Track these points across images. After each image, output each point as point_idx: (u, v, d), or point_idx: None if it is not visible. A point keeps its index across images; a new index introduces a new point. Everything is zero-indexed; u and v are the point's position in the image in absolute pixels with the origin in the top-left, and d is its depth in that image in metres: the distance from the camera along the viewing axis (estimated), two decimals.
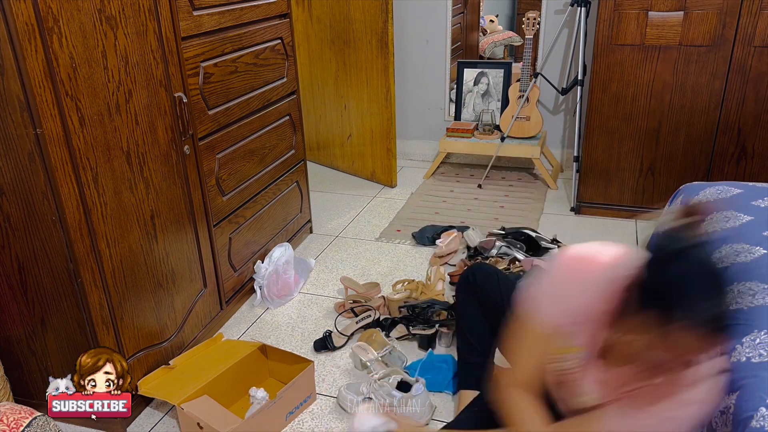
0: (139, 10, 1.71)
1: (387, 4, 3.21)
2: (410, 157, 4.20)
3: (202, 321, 2.22)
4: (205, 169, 2.13)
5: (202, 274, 2.19)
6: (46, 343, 1.78)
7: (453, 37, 3.85)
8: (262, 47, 2.40)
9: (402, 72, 3.93)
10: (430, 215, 3.29)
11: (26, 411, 1.37)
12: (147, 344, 1.92)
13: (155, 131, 1.84)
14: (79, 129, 1.56)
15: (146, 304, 1.90)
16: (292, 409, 1.87)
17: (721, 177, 2.91)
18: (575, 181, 3.27)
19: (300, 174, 2.89)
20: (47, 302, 1.71)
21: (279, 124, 2.62)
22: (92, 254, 1.66)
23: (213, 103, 2.14)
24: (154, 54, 1.80)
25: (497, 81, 3.81)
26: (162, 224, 1.93)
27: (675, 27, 2.75)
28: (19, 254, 1.66)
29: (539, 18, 3.54)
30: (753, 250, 1.73)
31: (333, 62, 3.65)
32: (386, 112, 3.49)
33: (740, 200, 2.05)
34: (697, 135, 2.90)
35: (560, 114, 3.78)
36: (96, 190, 1.64)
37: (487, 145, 3.63)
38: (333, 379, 2.05)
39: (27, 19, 1.39)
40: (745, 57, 2.70)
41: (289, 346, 2.24)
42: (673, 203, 2.36)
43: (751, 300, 1.53)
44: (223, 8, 2.13)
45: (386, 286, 2.58)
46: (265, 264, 2.48)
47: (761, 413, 1.20)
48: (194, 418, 1.72)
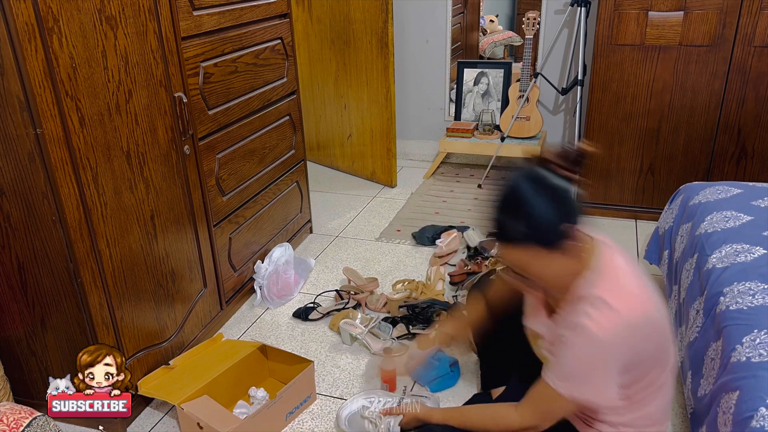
0: (139, 10, 1.71)
1: (387, 4, 3.21)
2: (410, 157, 4.20)
3: (202, 321, 2.22)
4: (205, 169, 2.13)
5: (202, 274, 2.19)
6: (46, 343, 1.78)
7: (453, 37, 3.85)
8: (262, 47, 2.40)
9: (402, 72, 3.93)
10: (430, 215, 3.29)
11: (26, 411, 1.37)
12: (147, 344, 1.92)
13: (155, 131, 1.84)
14: (79, 129, 1.56)
15: (146, 304, 1.90)
16: (292, 409, 1.87)
17: (721, 177, 2.91)
18: None
19: (300, 174, 2.89)
20: (47, 302, 1.71)
21: (279, 124, 2.62)
22: (92, 254, 1.66)
23: (213, 103, 2.14)
24: (154, 54, 1.80)
25: (497, 81, 3.81)
26: (162, 224, 1.93)
27: (675, 27, 2.75)
28: (19, 254, 1.66)
29: (539, 18, 3.54)
30: (753, 250, 1.73)
31: (333, 62, 3.65)
32: (386, 112, 3.48)
33: (740, 200, 2.05)
34: (697, 135, 2.90)
35: (560, 114, 3.78)
36: (96, 190, 1.64)
37: (487, 145, 3.63)
38: (333, 379, 2.05)
39: (27, 19, 1.39)
40: (745, 57, 2.70)
41: (289, 346, 2.24)
42: (673, 203, 2.36)
43: (751, 300, 1.53)
44: (223, 8, 2.13)
45: (386, 285, 2.58)
46: (265, 264, 2.48)
47: (761, 413, 1.20)
48: (194, 418, 1.72)
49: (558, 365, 1.25)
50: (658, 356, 1.26)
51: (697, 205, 2.12)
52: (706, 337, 1.60)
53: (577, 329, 1.20)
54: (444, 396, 1.95)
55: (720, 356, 1.47)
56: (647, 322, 1.21)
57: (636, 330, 1.19)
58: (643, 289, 1.23)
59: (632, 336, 1.19)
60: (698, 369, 1.59)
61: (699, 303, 1.74)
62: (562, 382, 1.24)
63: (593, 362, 1.21)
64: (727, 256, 1.75)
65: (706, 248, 1.85)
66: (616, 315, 1.18)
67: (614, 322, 1.18)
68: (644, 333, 1.20)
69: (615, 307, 1.18)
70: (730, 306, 1.55)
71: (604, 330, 1.17)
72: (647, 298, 1.23)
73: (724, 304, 1.57)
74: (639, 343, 1.20)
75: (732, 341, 1.44)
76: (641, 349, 1.21)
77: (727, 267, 1.70)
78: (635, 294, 1.22)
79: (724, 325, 1.51)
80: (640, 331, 1.20)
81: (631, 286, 1.22)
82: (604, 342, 1.18)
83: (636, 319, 1.19)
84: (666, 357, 1.28)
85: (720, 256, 1.77)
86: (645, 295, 1.23)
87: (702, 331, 1.65)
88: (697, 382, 1.58)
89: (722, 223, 1.93)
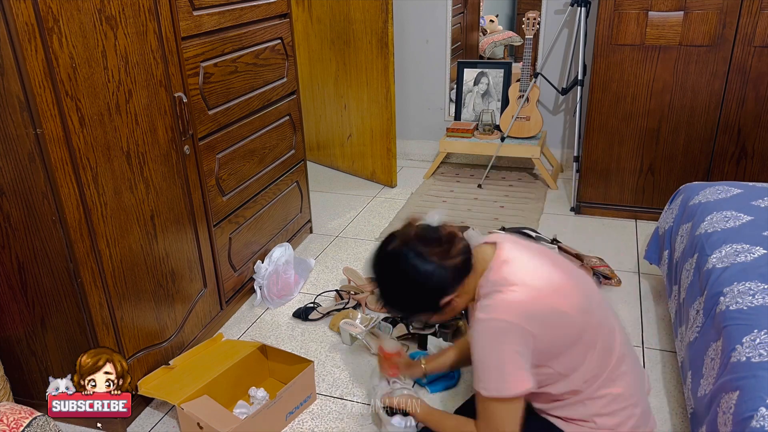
0: (139, 10, 1.71)
1: (387, 4, 3.21)
2: (410, 157, 4.20)
3: (202, 321, 2.22)
4: (205, 169, 2.13)
5: (202, 274, 2.19)
6: (46, 343, 1.78)
7: (453, 37, 3.85)
8: (262, 47, 2.40)
9: (402, 72, 3.93)
10: None
11: (26, 411, 1.37)
12: (147, 344, 1.92)
13: (155, 131, 1.84)
14: (79, 129, 1.56)
15: (146, 304, 1.90)
16: (292, 409, 1.87)
17: (721, 177, 2.91)
18: (575, 181, 3.27)
19: (300, 174, 2.89)
20: (47, 302, 1.71)
21: (279, 124, 2.62)
22: (92, 254, 1.66)
23: (213, 103, 2.14)
24: (154, 54, 1.80)
25: (497, 81, 3.81)
26: (162, 224, 1.93)
27: (675, 27, 2.75)
28: (19, 254, 1.66)
29: (539, 18, 3.54)
30: (753, 250, 1.73)
31: (333, 62, 3.65)
32: (386, 112, 3.48)
33: (740, 200, 2.05)
34: (697, 135, 2.90)
35: (560, 114, 3.78)
36: (96, 190, 1.64)
37: (487, 145, 3.63)
38: (333, 379, 2.05)
39: (27, 19, 1.39)
40: (745, 57, 2.70)
41: (289, 346, 2.24)
42: (673, 203, 2.36)
43: (751, 300, 1.53)
44: (223, 8, 2.13)
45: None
46: (265, 264, 2.48)
47: (761, 413, 1.20)
48: (194, 418, 1.72)
49: (476, 370, 1.29)
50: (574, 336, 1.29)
51: (697, 205, 2.12)
52: (706, 337, 1.60)
53: (475, 326, 1.27)
54: (444, 396, 1.95)
55: (720, 356, 1.47)
56: (540, 303, 1.26)
57: (530, 310, 1.25)
58: (537, 272, 1.30)
59: (526, 317, 1.24)
60: (698, 369, 1.59)
61: (699, 303, 1.74)
62: (485, 385, 1.28)
63: (496, 351, 1.25)
64: (727, 256, 1.75)
65: (706, 248, 1.85)
66: (504, 301, 1.24)
67: (503, 307, 1.24)
68: (540, 313, 1.26)
69: (503, 294, 1.25)
70: (730, 306, 1.55)
71: (495, 317, 1.24)
72: (539, 281, 1.28)
73: (724, 304, 1.57)
74: (537, 323, 1.25)
75: (732, 341, 1.44)
76: (543, 329, 1.25)
77: (727, 267, 1.70)
78: (523, 279, 1.27)
79: (724, 325, 1.51)
80: (535, 311, 1.25)
81: (519, 273, 1.28)
82: (499, 327, 1.24)
83: (527, 300, 1.25)
84: (589, 337, 1.31)
85: (720, 256, 1.77)
86: (537, 278, 1.29)
87: (702, 331, 1.65)
88: (697, 382, 1.58)
89: (722, 223, 1.93)
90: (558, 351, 1.29)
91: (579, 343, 1.30)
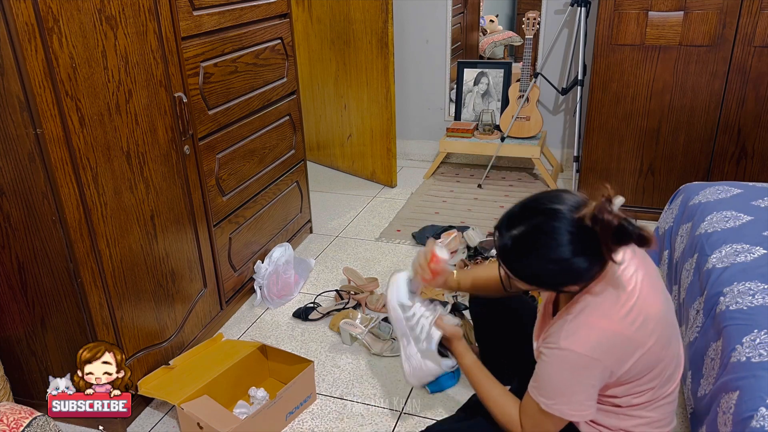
0: (139, 10, 1.71)
1: (387, 4, 3.21)
2: (410, 157, 4.20)
3: (202, 321, 2.22)
4: (205, 169, 2.13)
5: (202, 274, 2.19)
6: (46, 343, 1.78)
7: (453, 37, 3.85)
8: (262, 47, 2.40)
9: (402, 72, 3.93)
10: (430, 215, 3.28)
11: (26, 411, 1.37)
12: (147, 344, 1.92)
13: (155, 131, 1.84)
14: (79, 129, 1.56)
15: (146, 304, 1.90)
16: (292, 409, 1.87)
17: (721, 177, 2.91)
18: (575, 181, 3.27)
19: (300, 174, 2.89)
20: (47, 302, 1.71)
21: (279, 124, 2.62)
22: (92, 254, 1.66)
23: (213, 103, 2.14)
24: (154, 54, 1.80)
25: (497, 81, 3.81)
26: (162, 224, 1.93)
27: (675, 27, 2.75)
28: (19, 254, 1.66)
29: (539, 18, 3.54)
30: (753, 250, 1.73)
31: (333, 62, 3.65)
32: (386, 112, 3.48)
33: (740, 200, 2.05)
34: (697, 135, 2.90)
35: (560, 114, 3.78)
36: (96, 190, 1.64)
37: (487, 145, 3.63)
38: (333, 379, 2.05)
39: (27, 19, 1.39)
40: (745, 57, 2.70)
41: (289, 346, 2.24)
42: (673, 203, 2.36)
43: (751, 300, 1.53)
44: (223, 8, 2.13)
45: (386, 285, 2.58)
46: (265, 264, 2.48)
47: (761, 413, 1.20)
48: (194, 418, 1.72)
49: (542, 382, 1.27)
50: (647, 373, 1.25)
51: (697, 205, 2.12)
52: (706, 337, 1.60)
53: (554, 349, 1.22)
54: (444, 396, 1.95)
55: (720, 356, 1.47)
56: (632, 344, 1.20)
57: (618, 353, 1.19)
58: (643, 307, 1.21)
59: (614, 359, 1.19)
60: (698, 369, 1.59)
61: (699, 303, 1.74)
62: (548, 401, 1.25)
63: (572, 381, 1.22)
64: (727, 256, 1.75)
65: (706, 248, 1.85)
66: (595, 337, 1.18)
67: (592, 343, 1.18)
68: (628, 354, 1.20)
69: (597, 328, 1.18)
70: (730, 306, 1.55)
71: (582, 353, 1.18)
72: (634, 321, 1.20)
73: (724, 304, 1.57)
74: (621, 362, 1.20)
75: (732, 341, 1.44)
76: (624, 365, 1.20)
77: (727, 267, 1.70)
78: (622, 316, 1.20)
79: (724, 325, 1.51)
80: (624, 354, 1.19)
81: (623, 308, 1.20)
82: (582, 363, 1.19)
83: (619, 343, 1.19)
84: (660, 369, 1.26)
85: (720, 256, 1.77)
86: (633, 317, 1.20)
87: (702, 331, 1.65)
88: (697, 382, 1.58)
89: (722, 223, 1.93)
90: (626, 380, 1.25)
91: (651, 373, 1.25)
